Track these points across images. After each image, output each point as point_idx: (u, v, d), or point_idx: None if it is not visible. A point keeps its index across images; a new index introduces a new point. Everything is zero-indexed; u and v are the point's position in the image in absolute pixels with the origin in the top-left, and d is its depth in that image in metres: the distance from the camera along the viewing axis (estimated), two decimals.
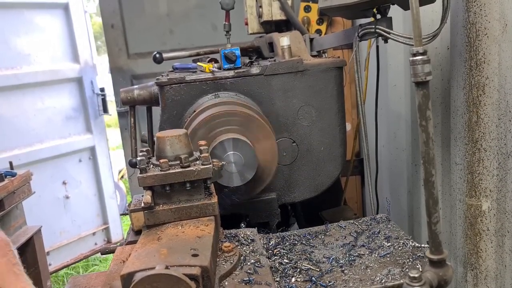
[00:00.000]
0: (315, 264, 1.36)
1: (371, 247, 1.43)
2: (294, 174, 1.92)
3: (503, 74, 1.60)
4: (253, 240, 1.41)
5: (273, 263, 1.37)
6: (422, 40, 0.98)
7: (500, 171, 1.68)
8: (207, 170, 1.30)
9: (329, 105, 1.92)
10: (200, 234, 1.22)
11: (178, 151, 1.34)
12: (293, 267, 1.34)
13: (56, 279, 4.62)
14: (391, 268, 1.28)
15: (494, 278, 1.75)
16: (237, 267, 1.24)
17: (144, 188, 1.30)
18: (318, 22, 3.40)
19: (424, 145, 1.00)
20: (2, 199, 2.58)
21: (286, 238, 1.56)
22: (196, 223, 1.29)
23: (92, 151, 4.67)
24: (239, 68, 1.89)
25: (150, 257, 1.10)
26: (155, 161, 1.36)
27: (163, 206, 1.31)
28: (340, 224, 1.63)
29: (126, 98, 2.16)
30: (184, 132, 1.38)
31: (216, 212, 1.33)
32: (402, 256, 1.36)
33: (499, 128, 1.65)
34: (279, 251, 1.45)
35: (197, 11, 3.73)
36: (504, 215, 1.69)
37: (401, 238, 1.47)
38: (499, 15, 1.58)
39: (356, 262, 1.34)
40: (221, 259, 1.26)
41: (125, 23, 3.73)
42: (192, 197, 1.33)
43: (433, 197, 1.02)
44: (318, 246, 1.49)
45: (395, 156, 2.84)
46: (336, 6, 1.81)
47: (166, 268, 1.00)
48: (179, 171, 1.29)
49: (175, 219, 1.31)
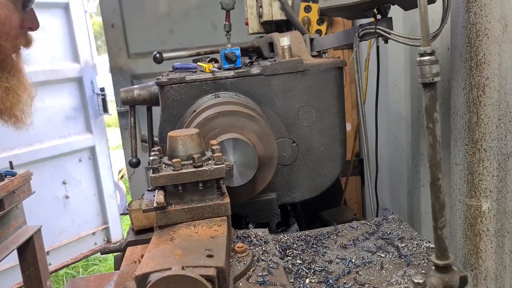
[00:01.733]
0: (329, 265, 1.34)
1: (385, 248, 1.41)
2: (294, 174, 1.92)
3: (504, 74, 1.60)
4: (266, 240, 1.39)
5: (286, 263, 1.35)
6: (429, 40, 0.95)
7: (500, 171, 1.68)
8: (220, 170, 1.29)
9: (329, 105, 1.92)
10: (213, 234, 1.21)
11: (190, 151, 1.33)
12: (307, 268, 1.31)
13: (56, 278, 4.63)
14: (407, 269, 1.26)
15: (494, 279, 1.75)
16: (251, 268, 1.23)
17: (157, 188, 1.28)
18: (319, 22, 3.40)
19: (431, 148, 0.97)
20: (2, 199, 2.58)
21: (298, 238, 1.54)
22: (209, 223, 1.27)
23: (92, 150, 4.68)
24: (239, 68, 1.88)
25: (165, 257, 1.08)
26: (167, 160, 1.34)
27: (176, 206, 1.29)
28: (352, 225, 1.60)
29: (126, 98, 2.16)
30: (197, 132, 1.37)
31: (228, 212, 1.32)
32: (417, 257, 1.33)
33: (499, 128, 1.65)
34: (291, 251, 1.43)
35: (198, 11, 3.73)
36: (504, 215, 1.69)
37: (415, 238, 1.45)
38: (500, 15, 1.58)
39: (370, 263, 1.32)
40: (234, 259, 1.24)
41: (125, 23, 3.73)
42: (204, 197, 1.31)
43: (439, 202, 0.99)
44: (331, 246, 1.46)
45: (395, 156, 2.84)
46: (337, 6, 1.81)
47: (182, 269, 0.98)
48: (192, 171, 1.27)
49: (188, 219, 1.29)
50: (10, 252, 2.64)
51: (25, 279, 2.95)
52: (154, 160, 1.29)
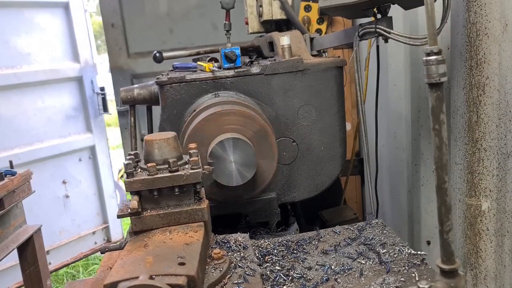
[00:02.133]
0: (308, 271, 1.31)
1: (366, 254, 1.38)
2: (294, 173, 1.92)
3: (504, 74, 1.60)
4: (245, 246, 1.36)
5: (264, 270, 1.32)
6: (436, 39, 0.91)
7: (500, 171, 1.67)
8: (196, 175, 1.26)
9: (329, 104, 1.92)
10: (188, 241, 1.18)
11: (166, 155, 1.30)
12: (285, 275, 1.28)
13: (56, 278, 4.63)
14: (386, 277, 1.24)
15: (493, 278, 1.75)
16: (227, 275, 1.19)
17: (131, 193, 1.26)
18: (319, 21, 3.40)
19: (437, 150, 0.93)
20: (2, 198, 2.58)
21: (279, 244, 1.50)
22: (185, 229, 1.25)
23: (92, 150, 4.67)
24: (239, 67, 1.88)
25: (136, 265, 1.06)
26: (143, 165, 1.32)
27: (151, 211, 1.27)
28: (335, 230, 1.57)
29: (126, 97, 2.16)
30: (173, 135, 1.34)
31: (205, 218, 1.29)
32: (398, 264, 1.30)
33: (499, 128, 1.65)
34: (271, 258, 1.40)
35: (198, 10, 3.73)
36: (504, 215, 1.69)
37: (397, 244, 1.42)
38: (500, 15, 1.57)
39: (350, 270, 1.29)
40: (210, 266, 1.21)
41: (125, 22, 3.73)
42: (181, 202, 1.29)
43: (445, 205, 0.95)
44: (312, 252, 1.43)
45: (395, 156, 2.84)
46: (337, 5, 1.81)
47: (150, 278, 0.96)
48: (167, 176, 1.25)
49: (164, 225, 1.26)
50: (10, 252, 2.64)
51: (25, 279, 2.94)
52: (129, 164, 1.26)
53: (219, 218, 1.85)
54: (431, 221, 2.47)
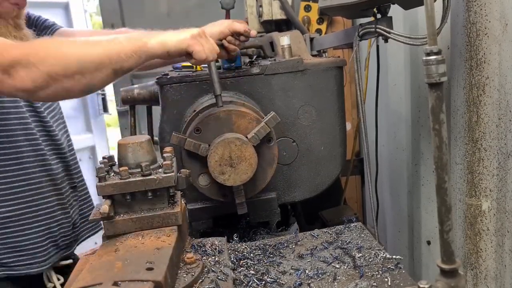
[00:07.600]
0: (282, 276, 1.30)
1: (341, 258, 1.37)
2: (294, 173, 1.92)
3: (504, 73, 1.60)
4: (221, 250, 1.35)
5: (238, 274, 1.30)
6: (436, 39, 0.91)
7: (500, 170, 1.68)
8: (169, 179, 1.25)
9: (329, 104, 1.92)
10: (160, 245, 1.16)
11: (140, 159, 1.29)
12: (258, 279, 1.27)
13: None
14: (359, 282, 1.23)
15: (494, 278, 1.75)
16: (198, 280, 1.18)
17: (104, 197, 1.25)
18: (318, 21, 3.40)
19: (437, 150, 0.93)
20: None
21: (256, 247, 1.49)
22: (158, 233, 1.24)
23: (92, 150, 4.67)
24: (239, 67, 1.88)
25: (103, 271, 1.04)
26: (116, 168, 1.31)
27: (124, 215, 1.26)
28: (313, 233, 1.56)
29: (126, 98, 2.16)
30: (147, 139, 1.33)
31: (179, 222, 1.27)
32: (372, 268, 1.30)
33: (499, 127, 1.65)
34: (246, 262, 1.39)
35: (197, 10, 3.73)
36: (504, 214, 1.69)
37: (373, 248, 1.41)
38: (500, 14, 1.58)
39: (324, 275, 1.28)
40: (182, 271, 1.19)
41: (125, 23, 3.72)
42: (154, 206, 1.28)
43: (445, 205, 0.96)
44: (288, 256, 1.42)
45: (395, 156, 2.84)
46: (336, 5, 1.81)
47: (114, 284, 0.95)
48: (139, 180, 1.24)
49: (136, 229, 1.25)
50: None
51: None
52: (100, 168, 1.25)
53: (219, 218, 1.85)
54: (431, 221, 2.47)
